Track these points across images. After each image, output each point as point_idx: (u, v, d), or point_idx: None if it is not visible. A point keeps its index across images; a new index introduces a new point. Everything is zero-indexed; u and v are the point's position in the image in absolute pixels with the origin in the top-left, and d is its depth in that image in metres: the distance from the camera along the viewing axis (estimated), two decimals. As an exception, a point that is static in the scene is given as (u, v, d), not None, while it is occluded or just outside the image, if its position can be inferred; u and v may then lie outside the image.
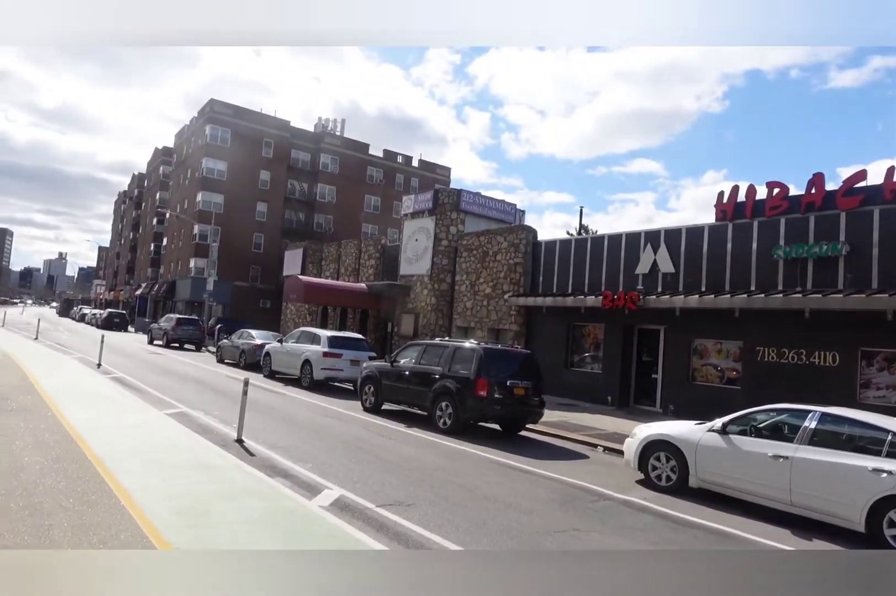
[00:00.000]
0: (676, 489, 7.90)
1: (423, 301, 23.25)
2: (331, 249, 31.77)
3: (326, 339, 16.36)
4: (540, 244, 20.07)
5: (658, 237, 16.66)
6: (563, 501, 7.13)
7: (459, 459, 9.05)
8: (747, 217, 14.77)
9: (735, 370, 14.70)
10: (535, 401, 11.57)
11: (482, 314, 21.12)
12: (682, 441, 7.98)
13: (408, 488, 7.07)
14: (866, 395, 12.45)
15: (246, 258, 43.31)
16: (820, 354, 13.08)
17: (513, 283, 20.16)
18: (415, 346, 13.23)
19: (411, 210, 24.87)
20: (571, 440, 11.59)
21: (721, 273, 15.13)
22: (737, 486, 7.45)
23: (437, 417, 11.45)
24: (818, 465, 6.72)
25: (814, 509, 6.76)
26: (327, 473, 7.43)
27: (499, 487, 7.57)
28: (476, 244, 21.95)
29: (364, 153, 50.12)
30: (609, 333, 17.38)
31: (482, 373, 11.09)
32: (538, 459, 9.54)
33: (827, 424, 7.06)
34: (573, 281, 18.65)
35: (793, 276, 13.82)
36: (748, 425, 7.66)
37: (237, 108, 45.12)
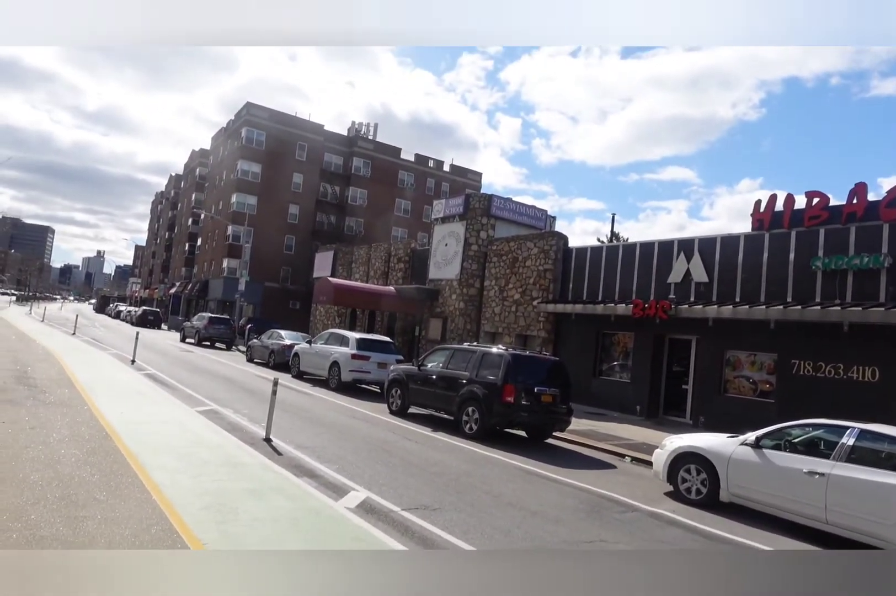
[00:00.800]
0: (706, 503, 7.74)
1: (451, 305, 23.26)
2: (360, 252, 32.00)
3: (355, 341, 16.47)
4: (570, 251, 19.92)
5: (692, 246, 16.40)
6: (589, 511, 7.04)
7: (485, 465, 9.00)
8: (785, 227, 14.45)
9: (769, 383, 14.36)
10: (563, 409, 11.46)
11: (510, 320, 21.02)
12: (713, 454, 7.81)
13: (433, 493, 7.05)
14: (907, 412, 12.04)
15: (277, 259, 43.90)
16: (859, 369, 12.71)
17: (542, 289, 20.04)
18: (442, 350, 13.23)
19: (442, 214, 24.93)
20: (599, 449, 11.45)
21: (756, 284, 14.82)
22: (769, 501, 7.26)
23: (463, 422, 11.42)
24: (856, 483, 6.51)
25: (850, 529, 6.55)
26: (353, 474, 7.45)
27: (525, 494, 7.51)
28: (506, 250, 21.89)
29: (396, 157, 50.45)
30: (639, 342, 17.15)
31: (509, 379, 11.03)
32: (565, 468, 9.44)
33: (866, 441, 6.85)
34: (603, 289, 18.46)
35: (831, 288, 13.47)
36: (783, 440, 7.47)
37: (272, 111, 45.86)
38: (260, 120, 44.78)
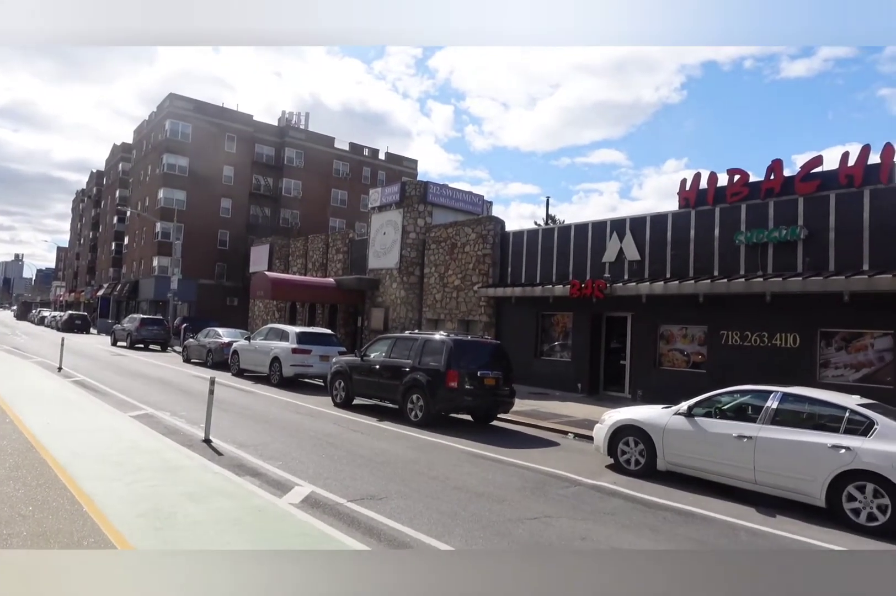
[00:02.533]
0: (645, 473, 8.03)
1: (392, 294, 23.16)
2: (298, 245, 31.40)
3: (295, 335, 16.19)
4: (508, 235, 20.12)
5: (623, 226, 16.83)
6: (534, 489, 7.19)
7: (431, 451, 9.05)
8: (709, 204, 15.00)
9: (700, 354, 14.98)
10: (506, 391, 11.62)
11: (452, 306, 21.12)
12: (649, 425, 8.10)
13: (379, 482, 7.04)
14: (825, 374, 12.81)
15: (211, 255, 42.56)
16: (781, 336, 13.40)
17: (482, 274, 20.19)
18: (384, 339, 13.17)
19: (378, 203, 24.70)
20: (543, 428, 11.69)
21: (685, 259, 15.36)
22: (703, 467, 7.59)
23: (408, 409, 11.43)
24: (780, 443, 6.88)
25: (777, 487, 6.93)
26: (297, 470, 7.35)
27: (471, 477, 7.59)
28: (444, 236, 21.92)
29: (329, 147, 49.54)
30: (578, 322, 17.54)
31: (452, 364, 11.09)
32: (510, 448, 9.59)
33: (788, 404, 7.23)
34: (541, 271, 18.76)
35: (754, 260, 14.10)
36: (713, 407, 7.80)
37: (197, 102, 44.15)
38: (184, 111, 43.05)
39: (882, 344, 12.24)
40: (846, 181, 12.80)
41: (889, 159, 12.39)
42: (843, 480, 6.38)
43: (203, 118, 43.58)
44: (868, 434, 6.42)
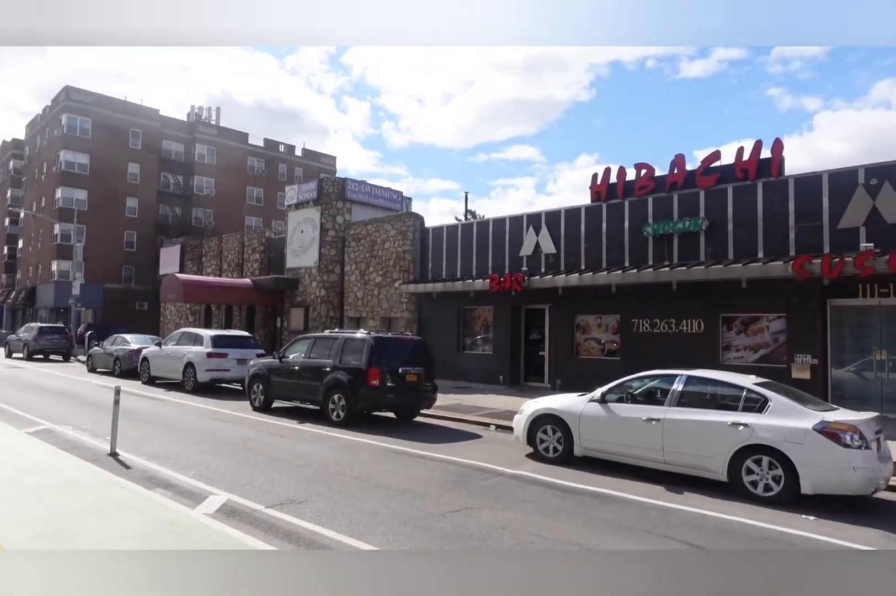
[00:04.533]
0: (563, 459, 8.26)
1: (312, 294, 22.72)
2: (211, 245, 30.24)
3: (210, 338, 15.59)
4: (427, 231, 20.17)
5: (539, 220, 17.22)
6: (456, 482, 7.24)
7: (354, 451, 8.94)
8: (619, 197, 15.58)
9: (615, 342, 15.57)
10: (428, 386, 11.66)
11: (373, 303, 20.96)
12: (566, 413, 8.33)
13: (300, 486, 6.89)
14: (728, 356, 13.61)
15: (117, 258, 40.31)
16: (687, 322, 14.13)
17: (402, 270, 20.14)
18: (304, 340, 12.90)
19: (295, 201, 24.15)
20: (466, 422, 11.80)
21: (598, 251, 15.90)
22: (617, 450, 7.89)
23: (329, 410, 11.25)
24: (686, 424, 7.25)
25: (684, 465, 7.30)
26: (213, 478, 7.08)
27: (394, 474, 7.56)
28: (364, 233, 21.71)
29: (243, 143, 47.95)
30: (498, 315, 17.83)
31: (373, 362, 11.00)
32: (433, 443, 9.62)
33: (692, 386, 7.62)
34: (461, 266, 18.92)
35: (661, 251, 14.78)
36: (624, 393, 8.11)
37: (98, 95, 41.59)
38: (83, 105, 40.44)
39: (776, 326, 13.12)
40: (742, 175, 13.61)
41: (778, 154, 13.28)
42: (742, 454, 6.80)
43: (104, 112, 41.11)
44: (763, 411, 6.86)
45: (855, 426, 6.41)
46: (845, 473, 6.28)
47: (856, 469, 6.25)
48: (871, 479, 6.34)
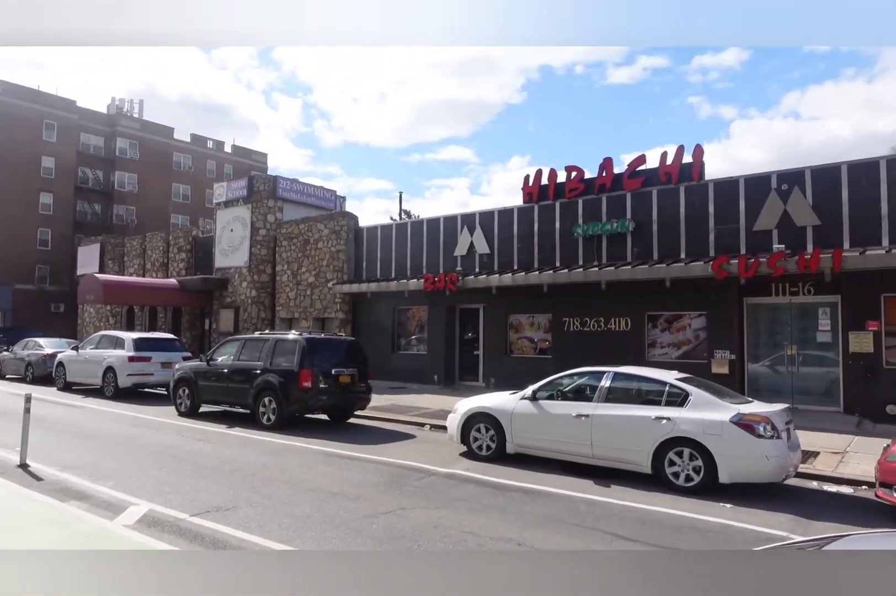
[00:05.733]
0: (496, 457, 8.35)
1: (242, 294, 22.10)
2: (134, 243, 28.93)
3: (132, 341, 14.90)
4: (362, 230, 19.98)
5: (473, 220, 17.36)
6: (389, 483, 7.20)
7: (285, 455, 8.75)
8: (550, 199, 15.90)
9: (546, 341, 15.89)
10: (362, 387, 11.56)
11: (306, 304, 20.60)
12: (498, 411, 8.43)
13: (227, 492, 6.68)
14: (653, 353, 14.14)
15: (30, 257, 37.90)
16: (616, 321, 14.58)
17: (336, 270, 19.88)
18: (233, 341, 12.53)
19: (224, 198, 23.42)
20: (400, 422, 11.77)
21: (531, 251, 16.18)
22: (548, 446, 8.05)
23: (260, 413, 10.97)
24: (613, 419, 7.47)
25: (611, 459, 7.53)
26: (133, 487, 6.77)
27: (326, 477, 7.44)
28: (296, 232, 21.30)
29: (169, 138, 46.06)
30: (433, 315, 17.87)
31: (305, 364, 10.81)
32: (367, 445, 9.54)
33: (619, 382, 7.87)
34: (396, 265, 18.85)
35: (591, 251, 15.19)
36: (555, 390, 8.29)
37: (5, 83, 38.98)
38: (-13, 94, 37.80)
39: (697, 324, 13.73)
40: (665, 178, 14.17)
41: (699, 159, 13.89)
42: (665, 447, 7.07)
43: (12, 102, 38.57)
44: (684, 405, 7.16)
45: (767, 417, 6.78)
46: (759, 461, 6.64)
47: (768, 458, 6.61)
48: (781, 467, 6.72)
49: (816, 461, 8.39)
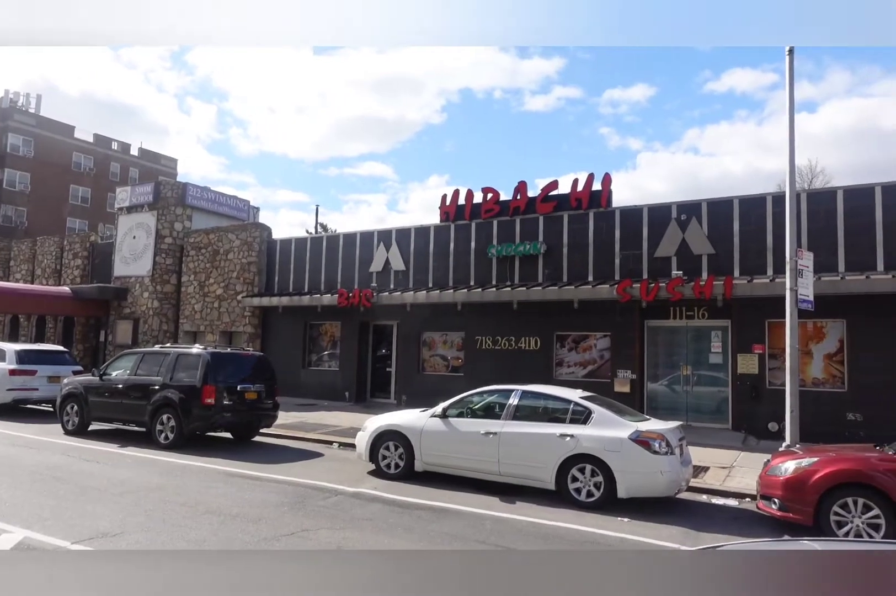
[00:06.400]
0: (405, 475, 8.29)
1: (143, 305, 20.94)
2: (23, 247, 26.81)
3: (14, 353, 13.72)
4: (275, 242, 19.52)
5: (390, 236, 17.38)
6: (293, 504, 6.98)
7: (183, 475, 8.30)
8: (466, 219, 16.19)
9: (459, 359, 16.05)
10: (269, 404, 11.20)
11: (213, 317, 19.79)
12: (407, 429, 8.40)
13: (116, 516, 6.24)
14: (560, 372, 14.59)
15: None
16: (526, 340, 14.95)
17: (247, 282, 19.27)
18: (130, 355, 11.83)
19: (128, 203, 22.23)
20: (308, 440, 11.47)
21: (446, 270, 16.36)
22: (456, 464, 8.09)
23: (157, 432, 10.38)
24: (519, 436, 7.63)
25: (517, 476, 7.66)
26: (7, 514, 6.19)
27: (226, 499, 7.11)
28: (205, 242, 20.50)
29: (68, 136, 43.29)
30: (345, 331, 17.64)
31: (209, 379, 10.35)
32: (271, 464, 9.22)
33: (526, 400, 8.05)
34: (310, 279, 18.51)
35: (504, 272, 15.55)
36: (465, 408, 8.37)
37: None
38: None
39: (602, 344, 14.32)
40: (576, 204, 14.78)
41: (607, 187, 14.61)
42: (568, 464, 7.28)
43: None
44: (587, 422, 7.42)
45: (662, 434, 7.14)
46: (654, 477, 6.96)
47: (663, 473, 6.95)
48: (674, 481, 7.08)
49: (706, 476, 8.90)
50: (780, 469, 6.64)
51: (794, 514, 6.37)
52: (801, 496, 6.30)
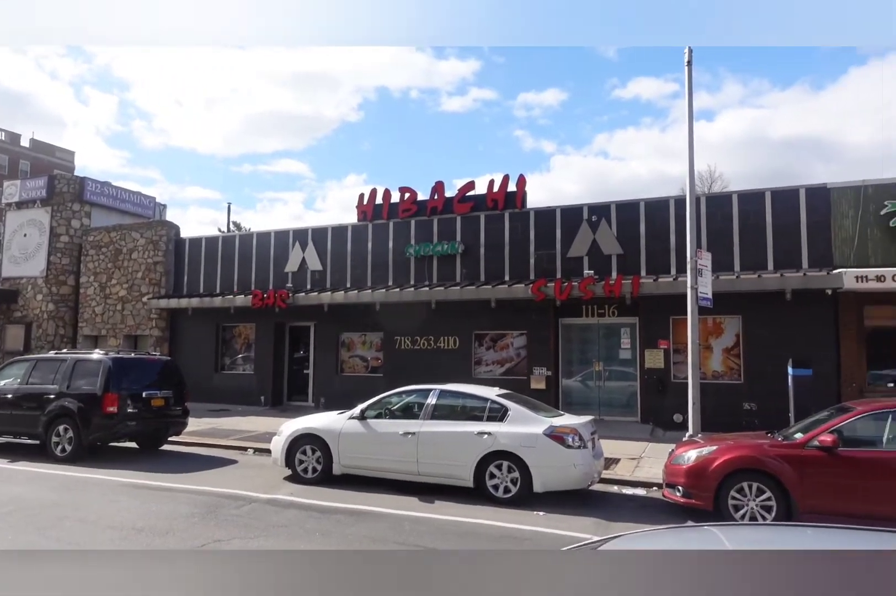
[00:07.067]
0: (323, 479, 8.14)
1: (36, 308, 19.47)
2: None
3: None
4: (184, 241, 18.66)
5: (306, 236, 17.02)
6: (204, 514, 6.69)
7: (82, 490, 7.78)
8: (384, 218, 16.09)
9: (378, 359, 15.94)
10: (178, 411, 10.70)
11: (116, 320, 18.69)
12: (325, 432, 8.25)
13: (3, 537, 5.76)
14: (479, 370, 14.79)
15: None
16: (445, 339, 15.05)
17: (153, 284, 18.32)
18: (21, 362, 10.97)
19: (17, 198, 20.60)
20: (221, 447, 11.05)
21: (364, 270, 16.20)
22: (375, 466, 8.02)
23: (53, 444, 9.68)
24: (438, 436, 7.66)
25: (437, 475, 7.69)
26: None
27: (130, 512, 6.72)
28: (106, 241, 19.32)
29: (-54, 125, 39.64)
30: (260, 333, 17.13)
31: (111, 386, 9.76)
32: (181, 473, 8.80)
33: (444, 399, 8.10)
34: (222, 280, 17.83)
35: (422, 271, 15.57)
36: (383, 409, 8.32)
37: None
38: None
39: (519, 342, 14.63)
40: (492, 204, 15.01)
41: (522, 188, 14.93)
42: (486, 461, 7.38)
43: None
44: (504, 419, 7.55)
45: (575, 429, 7.37)
46: (568, 470, 7.18)
47: (576, 466, 7.17)
48: (587, 474, 7.33)
49: (617, 467, 9.28)
50: (683, 458, 7.01)
51: (696, 500, 6.74)
52: (702, 483, 6.68)
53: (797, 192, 12.63)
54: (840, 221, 12.23)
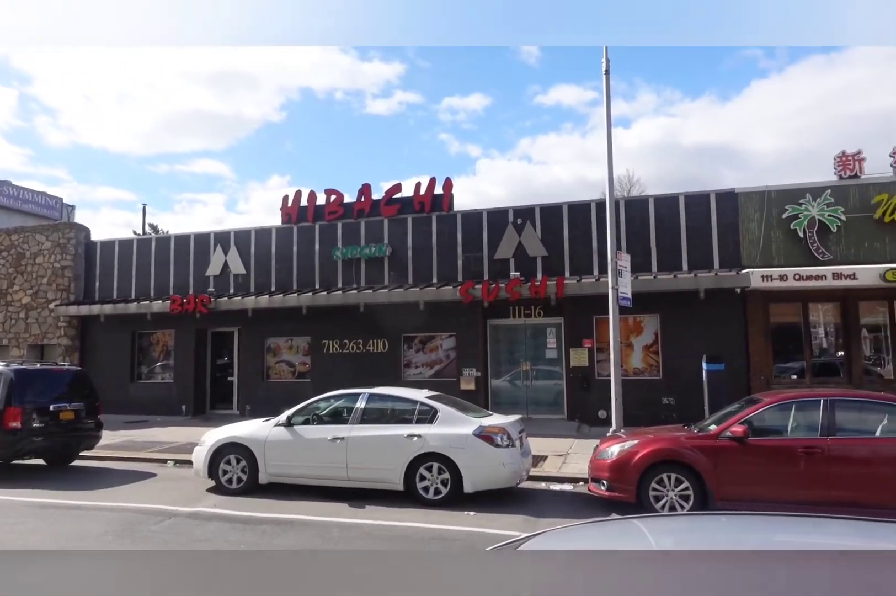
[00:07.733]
0: (248, 489, 7.89)
1: (-73, 317, 17.91)
2: None
3: None
4: (95, 244, 17.67)
5: (228, 238, 16.48)
6: (119, 532, 6.33)
7: (-20, 512, 7.19)
8: (310, 221, 15.81)
9: (306, 364, 15.63)
10: (90, 424, 10.10)
11: (19, 329, 17.46)
12: (250, 440, 8.00)
13: None
14: (409, 373, 14.76)
15: None
16: (374, 342, 14.93)
17: (61, 289, 17.24)
18: None
19: None
20: (138, 460, 10.50)
21: (289, 273, 15.85)
22: (303, 473, 7.84)
23: (-54, 464, 8.91)
24: (367, 440, 7.57)
25: (367, 480, 7.60)
26: None
27: (36, 534, 6.28)
28: (8, 244, 18.03)
29: None
30: (180, 340, 16.44)
31: (13, 400, 9.11)
32: (93, 490, 8.31)
33: (373, 403, 8.02)
34: (137, 285, 16.99)
35: (349, 274, 15.40)
36: (311, 414, 8.15)
37: None
38: None
39: (448, 344, 14.71)
40: (419, 207, 15.04)
41: (449, 191, 15.03)
42: (416, 463, 7.36)
43: None
44: (433, 421, 7.55)
45: (504, 428, 7.47)
46: (497, 469, 7.26)
47: (505, 465, 7.26)
48: (516, 472, 7.43)
49: (545, 464, 9.47)
50: (607, 453, 7.24)
51: (619, 493, 6.97)
52: (625, 476, 6.92)
53: (708, 196, 13.34)
54: (747, 224, 13.00)
